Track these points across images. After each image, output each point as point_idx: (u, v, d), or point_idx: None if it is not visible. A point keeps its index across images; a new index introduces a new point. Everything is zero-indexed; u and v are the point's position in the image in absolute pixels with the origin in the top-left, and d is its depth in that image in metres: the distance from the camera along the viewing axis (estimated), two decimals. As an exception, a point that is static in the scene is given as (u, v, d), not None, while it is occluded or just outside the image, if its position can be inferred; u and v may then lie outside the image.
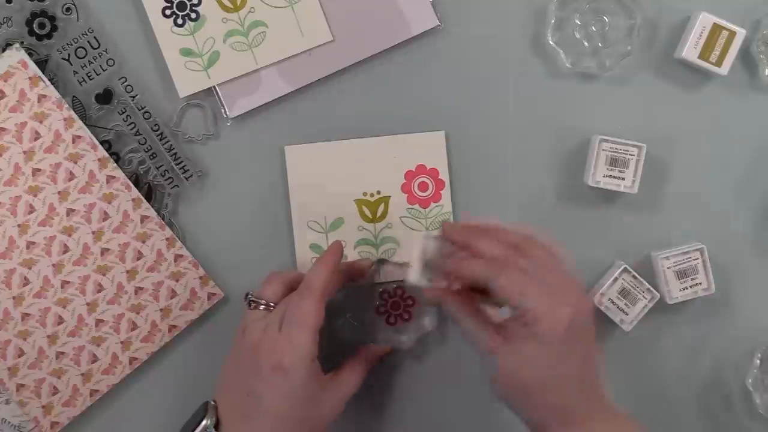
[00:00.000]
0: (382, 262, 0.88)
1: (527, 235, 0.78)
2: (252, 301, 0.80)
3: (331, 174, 0.88)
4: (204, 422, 0.75)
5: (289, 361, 0.74)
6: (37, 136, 0.83)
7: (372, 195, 0.88)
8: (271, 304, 0.79)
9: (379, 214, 0.88)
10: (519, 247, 0.76)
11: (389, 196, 0.88)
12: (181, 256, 0.86)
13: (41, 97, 0.82)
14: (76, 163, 0.83)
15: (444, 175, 0.88)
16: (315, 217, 0.88)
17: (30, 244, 0.83)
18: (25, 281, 0.83)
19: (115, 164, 0.84)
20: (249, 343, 0.77)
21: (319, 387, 0.76)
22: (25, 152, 0.83)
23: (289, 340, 0.74)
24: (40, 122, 0.82)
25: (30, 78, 0.82)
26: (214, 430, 0.75)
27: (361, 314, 0.88)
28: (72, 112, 0.83)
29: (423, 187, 0.88)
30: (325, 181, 0.88)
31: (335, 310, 0.81)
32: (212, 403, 0.77)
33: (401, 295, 0.88)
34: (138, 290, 0.86)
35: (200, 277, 0.87)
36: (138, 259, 0.85)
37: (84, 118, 0.84)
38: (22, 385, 0.84)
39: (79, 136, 0.83)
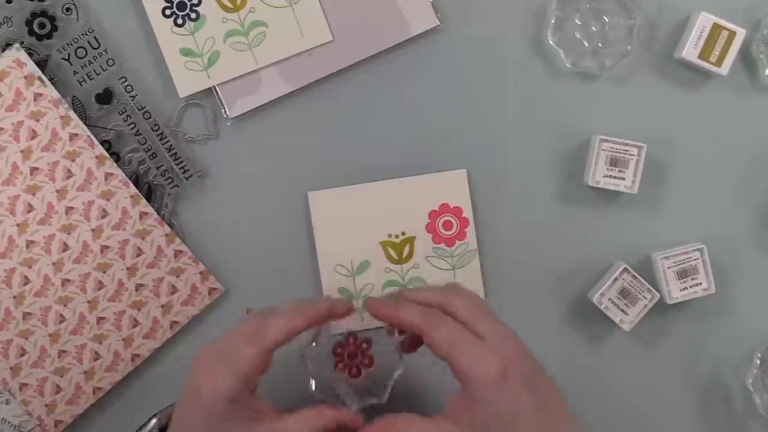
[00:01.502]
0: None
1: (451, 283, 0.76)
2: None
3: (355, 217, 0.87)
4: (153, 421, 0.75)
5: (205, 394, 0.70)
6: (34, 134, 0.83)
7: (397, 236, 0.88)
8: None
9: (405, 255, 0.88)
10: (446, 296, 0.73)
11: (414, 237, 0.88)
12: (181, 251, 0.86)
13: (37, 96, 0.83)
14: (73, 161, 0.84)
15: (468, 213, 0.88)
16: (341, 260, 0.88)
17: (30, 243, 0.83)
18: (26, 280, 0.84)
19: (112, 161, 0.84)
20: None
21: (236, 427, 0.71)
22: (22, 151, 0.83)
23: (214, 375, 0.70)
24: (37, 121, 0.83)
25: (26, 77, 0.82)
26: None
27: (325, 378, 0.79)
28: (69, 110, 0.83)
29: (447, 226, 0.88)
30: (350, 225, 0.88)
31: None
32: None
33: (354, 341, 0.79)
34: (139, 287, 0.86)
35: (200, 273, 0.87)
36: (138, 255, 0.86)
37: (84, 118, 0.84)
38: (25, 384, 0.84)
39: (76, 134, 0.83)
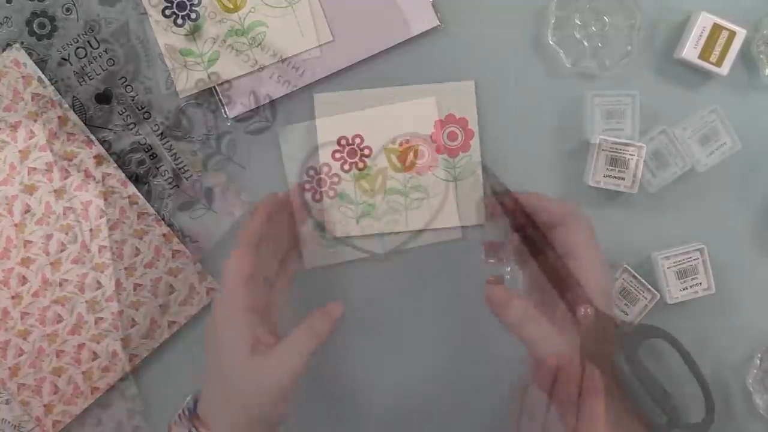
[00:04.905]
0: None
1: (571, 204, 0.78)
2: None
3: (360, 122, 0.87)
4: (189, 396, 0.76)
5: (219, 315, 0.74)
6: (31, 134, 0.83)
7: (401, 144, 0.88)
8: None
9: (407, 163, 0.88)
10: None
11: (418, 146, 0.88)
12: (179, 251, 0.86)
13: (35, 96, 0.83)
14: (71, 160, 0.84)
15: (473, 124, 0.88)
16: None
17: (27, 243, 0.83)
18: (24, 280, 0.84)
19: (111, 161, 0.84)
20: None
21: (261, 342, 0.72)
22: (20, 151, 0.83)
23: (221, 298, 0.75)
24: (35, 121, 0.83)
25: (24, 77, 0.82)
26: (193, 404, 0.75)
27: None
28: (68, 110, 0.83)
29: (452, 136, 0.88)
30: (354, 130, 0.87)
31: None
32: None
33: None
34: (137, 287, 0.86)
35: (198, 273, 0.87)
36: (136, 255, 0.86)
37: (84, 118, 0.84)
38: (23, 385, 0.84)
39: (74, 134, 0.84)
